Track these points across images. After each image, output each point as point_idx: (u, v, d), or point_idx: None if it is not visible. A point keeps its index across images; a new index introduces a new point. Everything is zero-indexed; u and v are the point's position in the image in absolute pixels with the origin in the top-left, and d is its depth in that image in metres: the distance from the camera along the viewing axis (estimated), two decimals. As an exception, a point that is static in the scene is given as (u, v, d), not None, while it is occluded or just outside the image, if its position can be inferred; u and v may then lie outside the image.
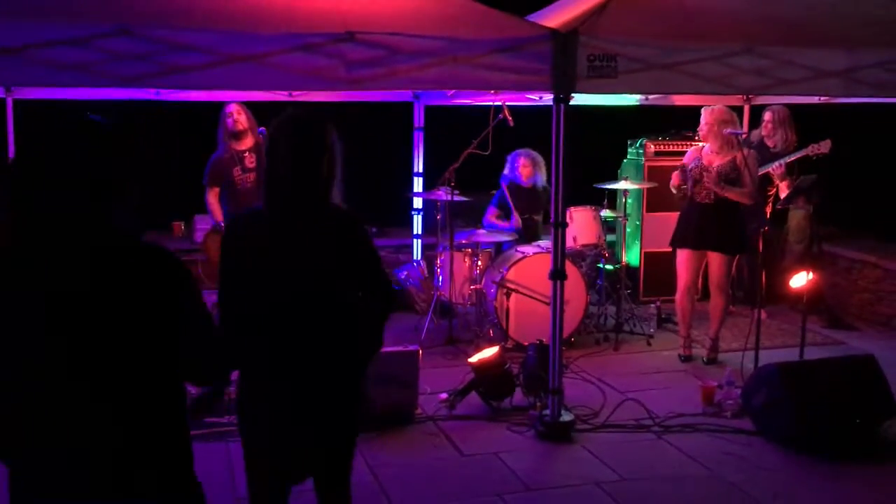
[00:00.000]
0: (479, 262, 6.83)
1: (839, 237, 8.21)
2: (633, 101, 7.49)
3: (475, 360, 5.43)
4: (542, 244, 6.74)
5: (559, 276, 4.91)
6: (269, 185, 2.89)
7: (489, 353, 5.44)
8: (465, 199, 6.94)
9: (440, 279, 7.04)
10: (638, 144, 8.16)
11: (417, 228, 8.20)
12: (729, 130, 5.99)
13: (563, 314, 4.97)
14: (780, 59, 4.96)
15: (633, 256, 8.05)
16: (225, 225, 2.95)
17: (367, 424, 4.81)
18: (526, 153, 7.27)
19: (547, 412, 5.00)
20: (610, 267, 7.29)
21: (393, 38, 4.39)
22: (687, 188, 6.16)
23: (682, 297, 6.31)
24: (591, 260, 7.16)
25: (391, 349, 5.28)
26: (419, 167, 8.10)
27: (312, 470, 2.98)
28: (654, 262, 7.98)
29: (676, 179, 6.25)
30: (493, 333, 6.60)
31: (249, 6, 4.41)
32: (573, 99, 4.74)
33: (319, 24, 4.36)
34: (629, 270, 7.62)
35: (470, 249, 6.96)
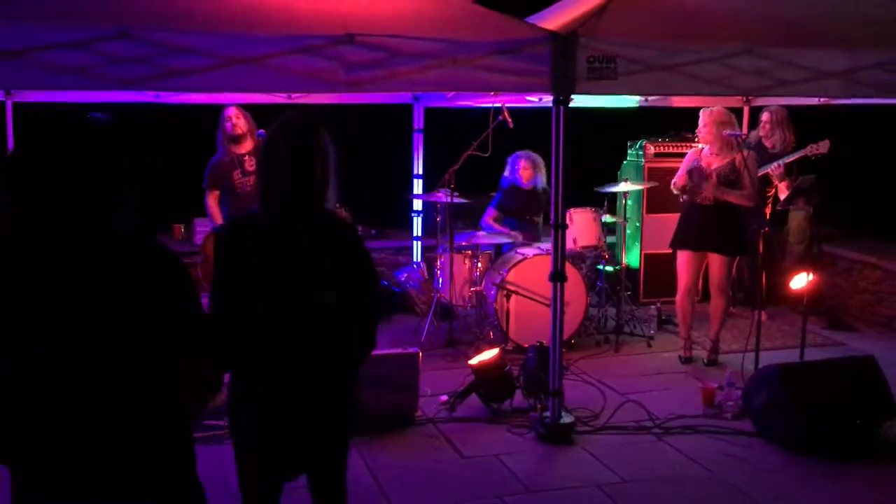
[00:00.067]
0: (479, 263, 6.82)
1: (839, 238, 8.20)
2: (632, 102, 7.49)
3: (475, 362, 5.43)
4: (542, 246, 6.74)
5: (559, 277, 4.91)
6: (266, 188, 2.89)
7: (489, 355, 5.44)
8: (464, 200, 6.94)
9: (440, 281, 7.04)
10: (638, 146, 8.15)
11: (417, 230, 8.20)
12: (728, 132, 5.99)
13: (563, 316, 4.97)
14: (779, 59, 4.95)
15: (633, 258, 8.05)
16: (220, 227, 2.95)
17: (366, 426, 4.85)
18: (526, 155, 7.27)
19: (547, 414, 5.00)
20: (610, 268, 7.29)
21: (392, 40, 4.39)
22: (692, 189, 6.13)
23: (682, 298, 6.30)
24: (591, 262, 7.16)
25: (391, 351, 5.29)
26: (419, 169, 8.10)
27: (304, 469, 2.99)
28: (654, 263, 7.97)
29: (682, 180, 6.22)
30: (493, 335, 6.60)
31: (249, 8, 4.41)
32: (573, 100, 4.74)
33: (319, 26, 4.36)
34: (629, 272, 7.62)
35: (470, 251, 6.96)
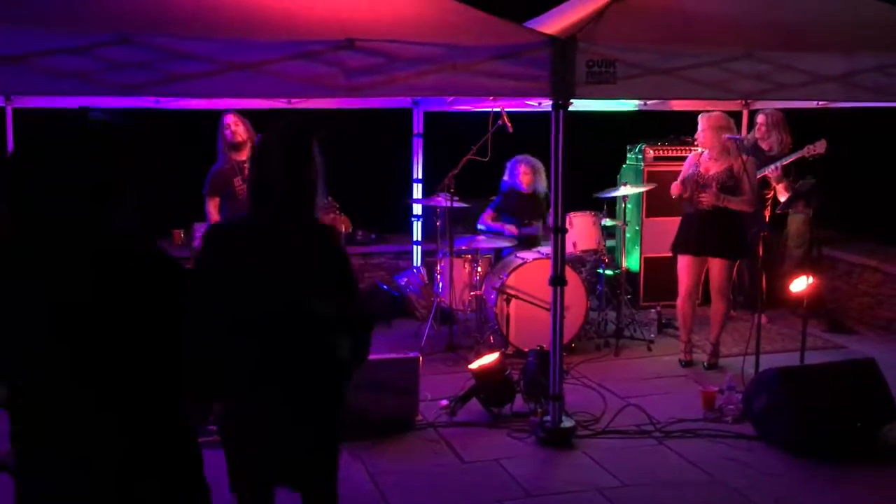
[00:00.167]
0: (478, 268, 6.82)
1: (839, 241, 8.20)
2: (631, 106, 7.50)
3: (475, 366, 5.43)
4: (541, 250, 6.74)
5: (559, 281, 4.91)
6: (257, 192, 2.90)
7: (489, 359, 5.44)
8: (464, 205, 6.95)
9: (440, 285, 7.04)
10: (637, 150, 8.15)
11: (417, 235, 8.20)
12: (727, 136, 5.99)
13: (563, 320, 4.97)
14: (778, 63, 4.96)
15: (633, 262, 8.05)
16: (208, 229, 2.95)
17: (366, 431, 4.85)
18: (526, 160, 7.26)
19: (548, 418, 5.00)
20: (610, 272, 7.29)
21: (392, 45, 4.40)
22: (689, 195, 6.14)
23: (683, 302, 6.30)
24: (591, 265, 7.15)
25: (391, 356, 5.29)
26: (418, 173, 8.10)
27: (294, 476, 2.97)
28: (654, 267, 7.98)
29: (677, 189, 6.24)
30: (493, 339, 6.60)
31: (249, 14, 4.41)
32: (572, 105, 4.75)
33: (319, 31, 4.37)
34: (629, 276, 7.62)
35: (470, 255, 6.96)
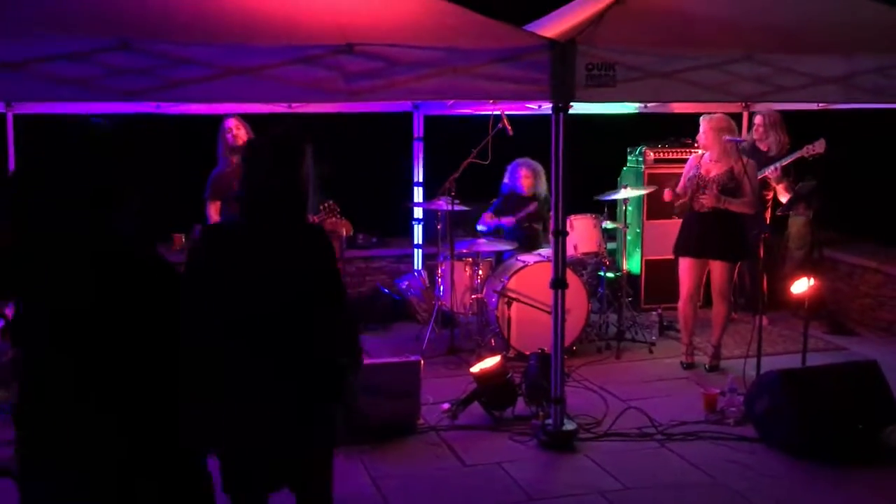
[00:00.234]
0: (479, 271, 6.82)
1: (840, 242, 8.20)
2: (632, 108, 7.50)
3: (477, 369, 5.42)
4: (542, 253, 6.74)
5: (560, 284, 4.91)
6: (249, 195, 2.91)
7: (491, 362, 5.44)
8: (465, 208, 6.95)
9: (441, 289, 7.04)
10: (637, 152, 8.16)
11: (418, 238, 8.21)
12: (728, 138, 5.99)
13: (564, 323, 4.96)
14: (778, 66, 4.96)
15: (633, 264, 8.05)
16: (200, 231, 2.97)
17: (368, 435, 4.85)
18: (526, 164, 7.26)
19: (549, 421, 5.00)
20: (611, 275, 7.29)
21: (392, 49, 4.41)
22: (684, 201, 6.14)
23: (684, 304, 6.30)
24: (592, 268, 7.15)
25: (393, 360, 5.30)
26: (419, 177, 8.11)
27: (286, 476, 2.97)
28: (654, 269, 7.98)
29: (668, 196, 6.25)
30: (494, 343, 6.60)
31: (249, 19, 4.42)
32: (572, 107, 4.75)
33: (318, 36, 4.37)
34: (630, 278, 7.61)
35: (471, 259, 6.95)
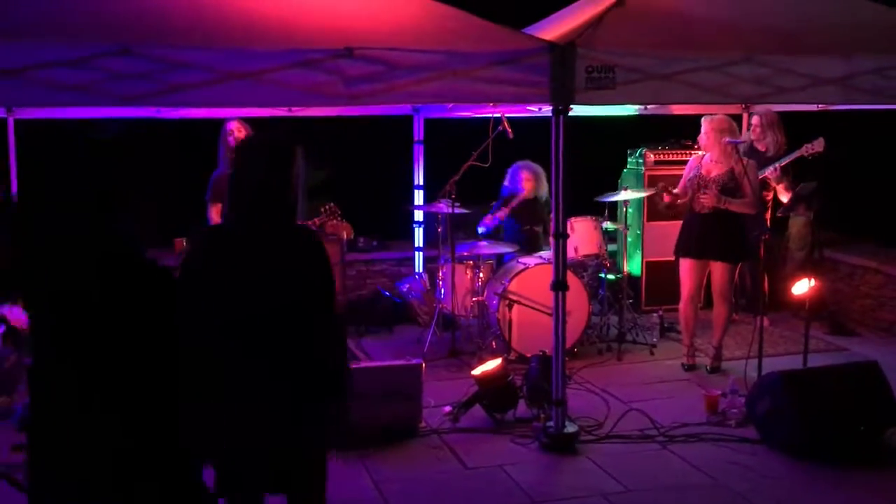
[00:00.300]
0: (480, 273, 6.83)
1: (840, 243, 8.20)
2: (632, 110, 7.50)
3: (478, 372, 5.43)
4: (543, 255, 6.74)
5: (561, 286, 4.92)
6: (239, 199, 2.91)
7: (492, 365, 5.44)
8: (465, 211, 6.95)
9: (442, 291, 7.05)
10: (637, 154, 8.16)
11: (419, 241, 8.21)
12: (728, 139, 5.99)
13: (565, 325, 4.97)
14: (778, 67, 4.97)
15: (634, 266, 8.05)
16: (191, 237, 2.97)
17: (370, 438, 4.86)
18: (528, 166, 7.26)
19: (551, 424, 5.00)
20: (612, 277, 7.29)
21: (391, 52, 4.42)
22: (685, 201, 6.15)
23: (685, 305, 6.30)
24: (592, 270, 7.15)
25: (394, 363, 5.32)
26: (420, 180, 8.11)
27: (280, 480, 2.96)
28: (655, 271, 7.98)
29: (667, 198, 6.25)
30: (495, 345, 6.60)
31: (248, 23, 4.43)
32: (572, 110, 4.76)
33: (318, 40, 4.38)
34: (631, 280, 7.62)
35: (471, 261, 6.96)
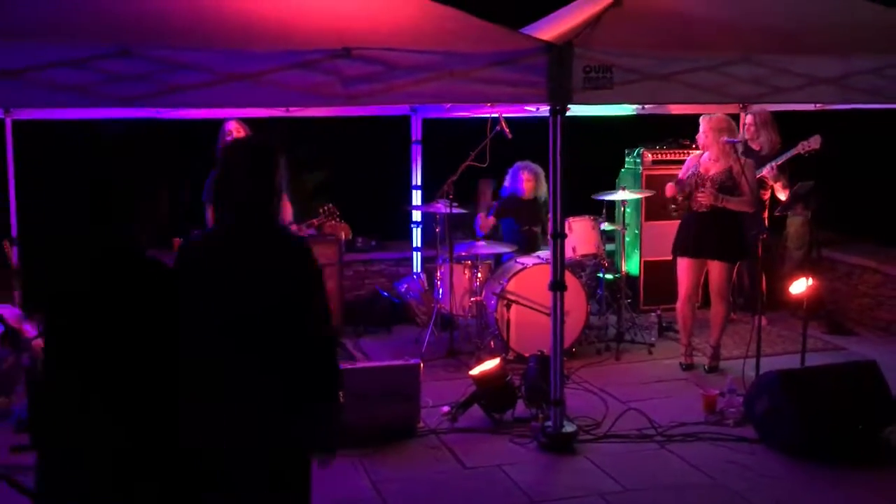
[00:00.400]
0: (478, 273, 6.83)
1: (838, 242, 8.21)
2: (629, 110, 7.51)
3: (476, 372, 5.43)
4: (541, 255, 6.74)
5: (559, 286, 4.92)
6: (224, 205, 2.90)
7: (490, 365, 5.44)
8: (463, 211, 6.95)
9: (440, 291, 7.05)
10: (635, 153, 8.16)
11: (417, 241, 8.21)
12: (726, 139, 6.00)
13: (563, 325, 4.97)
14: (775, 67, 4.98)
15: (632, 265, 8.05)
16: (179, 247, 2.93)
17: (368, 438, 4.86)
18: (528, 167, 7.25)
19: (549, 423, 5.00)
20: (610, 276, 7.30)
21: (389, 53, 4.42)
22: (682, 200, 6.16)
23: (682, 305, 6.31)
24: (590, 270, 7.16)
25: (392, 363, 5.32)
26: (418, 180, 8.11)
27: (265, 480, 2.92)
28: (653, 270, 7.97)
29: (671, 191, 6.26)
30: (493, 345, 6.60)
31: (247, 24, 4.44)
32: (570, 110, 4.76)
33: (316, 40, 4.38)
34: (629, 280, 7.62)
35: (469, 261, 6.97)
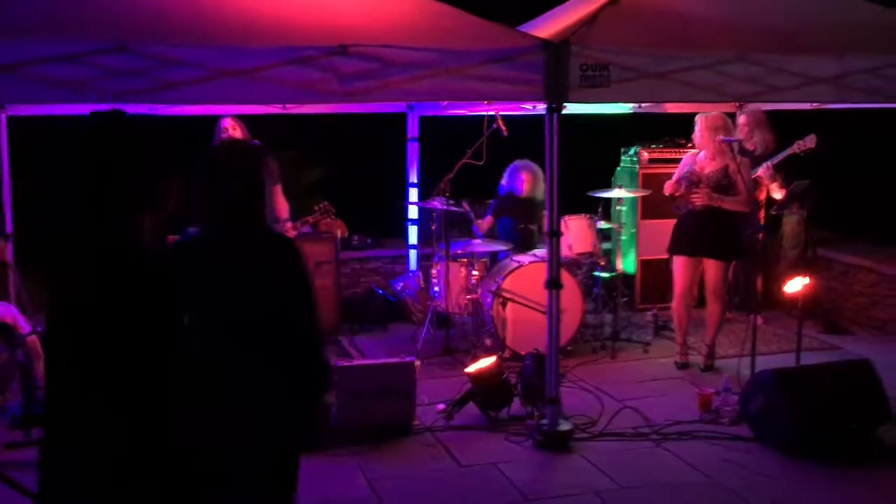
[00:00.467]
0: (474, 271, 6.83)
1: (834, 242, 8.22)
2: (626, 108, 7.51)
3: (472, 370, 5.43)
4: (537, 253, 6.74)
5: (555, 285, 4.92)
6: (212, 208, 2.86)
7: (486, 362, 5.44)
8: (459, 209, 6.95)
9: (436, 289, 7.04)
10: (632, 152, 8.16)
11: (413, 239, 8.21)
12: (722, 138, 6.00)
13: (559, 323, 4.98)
14: (771, 66, 4.98)
15: (628, 264, 8.06)
16: (168, 249, 2.91)
17: (364, 436, 4.86)
18: (527, 167, 7.24)
19: (545, 421, 5.01)
20: (606, 275, 7.29)
21: (386, 50, 4.41)
22: (682, 198, 6.16)
23: (678, 303, 6.32)
24: (586, 268, 7.16)
25: (388, 360, 5.32)
26: (414, 177, 8.11)
27: (253, 480, 2.90)
28: (649, 269, 7.98)
29: (669, 189, 6.26)
30: (489, 343, 6.59)
31: (243, 21, 4.43)
32: (566, 108, 4.76)
33: (312, 37, 4.38)
34: (625, 278, 7.62)
35: (466, 259, 6.96)
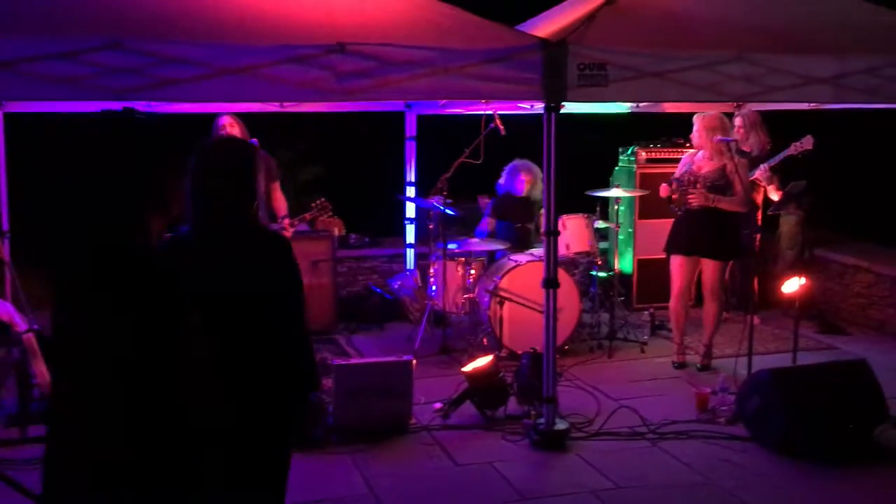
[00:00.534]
0: (472, 270, 6.83)
1: (831, 242, 8.23)
2: (624, 108, 7.51)
3: (469, 369, 5.43)
4: (534, 252, 6.75)
5: (552, 284, 4.92)
6: (201, 206, 2.84)
7: (483, 361, 5.44)
8: (457, 211, 6.93)
9: (433, 288, 7.04)
10: (629, 152, 8.16)
11: (410, 238, 8.20)
12: (719, 138, 6.00)
13: (556, 322, 4.98)
14: (769, 66, 4.98)
15: (626, 264, 8.06)
16: (158, 248, 2.89)
17: (361, 435, 4.86)
18: (526, 167, 7.23)
19: (541, 421, 5.01)
20: (603, 274, 7.29)
21: (384, 49, 4.41)
22: (678, 199, 6.16)
23: (675, 302, 6.32)
24: (584, 268, 7.16)
25: (385, 359, 5.32)
26: (412, 176, 8.10)
27: (243, 481, 2.89)
28: (647, 269, 7.99)
29: (665, 191, 6.26)
30: (486, 342, 6.60)
31: (241, 18, 4.42)
32: (564, 107, 4.76)
33: (311, 35, 4.37)
34: (622, 278, 7.62)
35: (463, 258, 6.96)
